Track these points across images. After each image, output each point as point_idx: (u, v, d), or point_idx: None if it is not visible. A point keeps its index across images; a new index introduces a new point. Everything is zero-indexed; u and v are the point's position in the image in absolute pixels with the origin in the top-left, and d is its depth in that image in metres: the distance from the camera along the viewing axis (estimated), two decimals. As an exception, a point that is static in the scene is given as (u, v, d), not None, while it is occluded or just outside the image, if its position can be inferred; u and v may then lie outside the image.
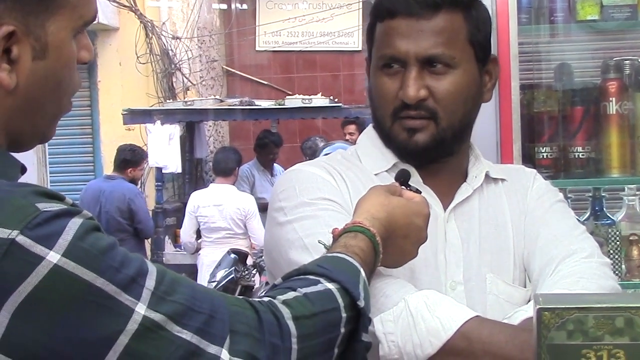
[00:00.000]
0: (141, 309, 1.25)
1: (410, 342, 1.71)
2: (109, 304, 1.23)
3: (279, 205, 1.96)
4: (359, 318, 1.50)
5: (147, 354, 1.25)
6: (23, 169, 1.41)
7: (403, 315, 1.73)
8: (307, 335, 1.40)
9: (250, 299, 1.40)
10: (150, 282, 1.28)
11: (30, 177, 3.03)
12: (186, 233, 9.02)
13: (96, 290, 1.22)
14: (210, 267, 8.45)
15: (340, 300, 1.47)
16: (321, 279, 1.48)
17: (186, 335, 1.28)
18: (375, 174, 2.02)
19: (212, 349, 1.29)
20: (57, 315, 1.21)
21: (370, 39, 2.03)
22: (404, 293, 1.76)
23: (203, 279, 8.59)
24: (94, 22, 1.46)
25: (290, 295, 1.43)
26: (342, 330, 1.47)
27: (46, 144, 3.10)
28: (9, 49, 1.31)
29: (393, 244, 1.70)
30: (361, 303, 1.49)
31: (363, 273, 1.54)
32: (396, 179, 1.87)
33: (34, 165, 2.95)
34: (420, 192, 1.83)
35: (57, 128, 1.47)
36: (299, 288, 1.45)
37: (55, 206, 1.24)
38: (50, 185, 3.58)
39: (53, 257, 1.20)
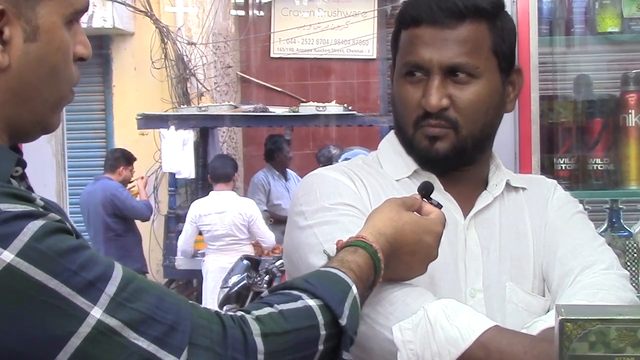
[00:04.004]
0: (97, 313, 1.25)
1: (428, 350, 1.71)
2: (62, 305, 1.23)
3: (299, 209, 1.96)
4: (341, 336, 1.49)
5: (100, 358, 1.26)
6: (21, 162, 1.41)
7: (422, 323, 1.73)
8: (276, 352, 1.39)
9: (223, 313, 1.40)
10: (111, 288, 1.27)
11: (49, 181, 3.06)
12: (186, 242, 8.99)
13: (49, 291, 1.23)
14: (215, 274, 8.46)
15: (320, 317, 1.46)
16: (303, 295, 1.47)
17: (143, 343, 1.28)
18: (397, 180, 2.02)
19: (169, 358, 1.29)
20: (7, 311, 1.22)
21: (395, 46, 2.04)
22: (423, 301, 1.76)
23: (208, 286, 8.60)
24: (110, 27, 1.48)
25: (265, 311, 1.43)
26: (321, 347, 1.46)
27: (65, 148, 3.11)
28: (1, 30, 1.34)
29: (398, 259, 1.70)
30: (343, 321, 1.48)
31: (354, 289, 1.53)
32: (418, 190, 1.86)
33: (53, 169, 2.95)
34: (441, 207, 1.82)
35: (71, 132, 1.48)
36: (276, 304, 1.44)
37: (18, 207, 1.25)
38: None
39: (6, 256, 1.21)
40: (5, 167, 1.37)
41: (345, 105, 10.57)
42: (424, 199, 1.83)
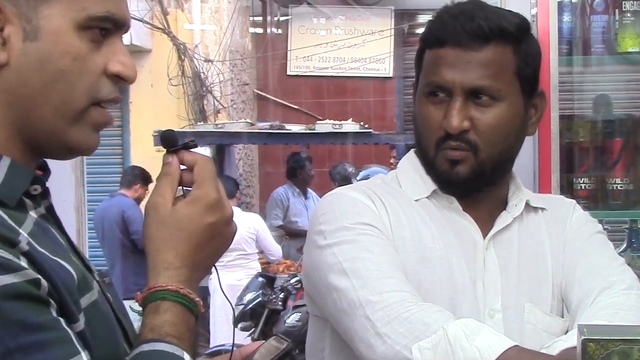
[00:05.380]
0: None
1: (448, 370, 1.71)
2: None
3: (319, 229, 1.97)
4: None
5: None
6: (37, 180, 1.37)
7: (441, 343, 1.73)
8: None
9: None
10: None
11: (68, 197, 3.06)
12: None
13: None
14: (235, 292, 8.46)
15: None
16: None
17: None
18: (416, 200, 2.02)
19: None
20: None
21: (418, 65, 2.04)
22: (442, 321, 1.76)
23: (216, 304, 8.59)
24: (127, 44, 1.44)
25: None
26: None
27: (84, 164, 3.12)
28: (1, 28, 1.32)
29: (205, 253, 1.50)
30: None
31: (186, 357, 1.37)
32: (164, 147, 1.53)
33: (72, 185, 2.96)
34: (196, 144, 1.54)
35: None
36: None
37: None
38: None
39: None
40: (17, 186, 1.33)
41: (362, 123, 10.59)
42: (175, 151, 1.51)
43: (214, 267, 1.57)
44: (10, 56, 1.33)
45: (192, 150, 1.52)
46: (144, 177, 9.44)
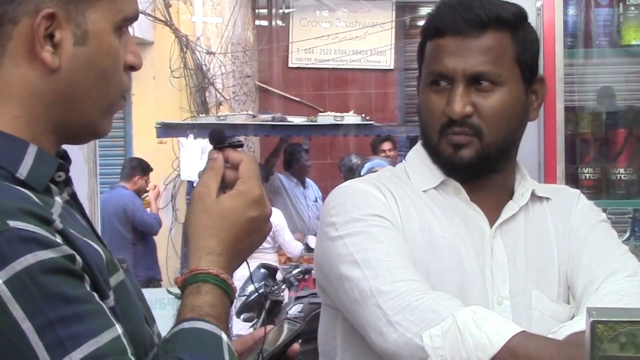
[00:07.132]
0: None
1: (458, 357, 1.75)
2: (26, 353, 1.19)
3: (330, 221, 2.00)
4: None
5: None
6: (62, 167, 1.42)
7: (451, 330, 1.77)
8: None
9: None
10: (78, 354, 1.21)
11: (80, 187, 3.08)
12: None
13: (18, 333, 1.19)
14: (238, 282, 8.44)
15: None
16: None
17: None
18: (424, 191, 2.05)
19: None
20: None
21: (421, 57, 2.08)
22: (452, 309, 1.80)
23: (231, 293, 8.59)
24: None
25: None
26: None
27: (97, 155, 3.14)
28: (52, 34, 1.37)
29: (244, 245, 1.56)
30: None
31: (224, 337, 1.42)
32: (212, 143, 1.61)
33: (85, 175, 2.98)
34: (241, 144, 1.62)
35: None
36: None
37: (30, 227, 1.22)
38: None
39: None
40: (45, 172, 1.38)
41: (363, 115, 10.58)
42: (221, 148, 1.59)
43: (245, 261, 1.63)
44: (61, 60, 1.38)
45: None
46: (142, 168, 9.44)
